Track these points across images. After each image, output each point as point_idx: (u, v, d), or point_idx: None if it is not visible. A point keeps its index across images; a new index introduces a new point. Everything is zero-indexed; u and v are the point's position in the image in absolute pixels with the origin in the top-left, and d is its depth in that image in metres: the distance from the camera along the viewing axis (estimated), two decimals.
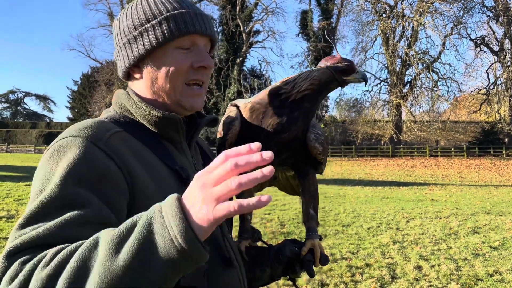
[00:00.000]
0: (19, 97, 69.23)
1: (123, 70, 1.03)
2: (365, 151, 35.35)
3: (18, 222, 0.73)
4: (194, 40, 0.98)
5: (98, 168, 0.80)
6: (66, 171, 0.77)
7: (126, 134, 0.91)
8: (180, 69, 0.96)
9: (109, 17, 42.70)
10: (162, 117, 0.95)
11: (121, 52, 1.01)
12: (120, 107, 1.00)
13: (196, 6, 1.03)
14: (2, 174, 15.41)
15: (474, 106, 37.29)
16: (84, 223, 0.72)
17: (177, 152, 1.00)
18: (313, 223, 1.26)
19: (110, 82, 42.87)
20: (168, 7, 0.97)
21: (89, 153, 0.81)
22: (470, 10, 34.83)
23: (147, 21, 0.97)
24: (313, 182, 1.31)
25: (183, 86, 0.98)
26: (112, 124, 0.92)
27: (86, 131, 0.84)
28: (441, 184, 16.24)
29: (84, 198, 0.75)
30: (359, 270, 4.90)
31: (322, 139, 1.23)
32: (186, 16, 0.96)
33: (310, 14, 37.66)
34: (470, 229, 7.22)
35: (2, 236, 6.12)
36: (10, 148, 41.94)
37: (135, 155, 0.88)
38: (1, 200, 9.13)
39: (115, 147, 0.85)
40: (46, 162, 0.82)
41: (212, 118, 1.10)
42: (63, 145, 0.82)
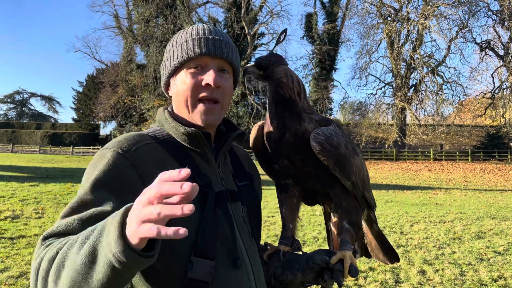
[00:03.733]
0: (25, 98, 69.69)
1: (163, 87, 1.23)
2: (369, 155, 35.26)
3: (61, 213, 0.96)
4: (204, 61, 1.12)
5: (121, 175, 0.99)
6: (96, 177, 0.97)
7: (156, 145, 1.08)
8: (189, 86, 1.11)
9: (115, 19, 42.88)
10: (184, 132, 1.10)
11: (161, 72, 1.22)
12: (159, 122, 1.19)
13: (223, 34, 1.17)
14: (8, 174, 15.49)
15: (479, 110, 37.12)
16: (98, 219, 0.87)
17: (204, 162, 1.13)
18: (346, 235, 1.28)
19: (115, 84, 43.04)
20: (188, 34, 1.14)
21: (116, 162, 1.00)
22: (475, 14, 34.71)
23: (172, 46, 1.16)
24: (344, 197, 1.30)
25: (195, 102, 1.12)
26: (148, 136, 1.10)
27: (119, 144, 1.04)
28: (445, 188, 16.17)
29: (103, 199, 0.94)
30: (363, 274, 4.88)
31: (322, 138, 1.21)
32: (196, 41, 1.11)
33: (315, 17, 37.67)
34: (475, 234, 7.18)
35: (7, 236, 6.16)
36: (15, 149, 42.13)
37: (159, 164, 1.03)
38: (6, 200, 9.17)
39: (141, 157, 1.02)
40: (90, 167, 1.03)
41: (239, 133, 1.22)
42: (102, 154, 1.03)
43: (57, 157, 34.95)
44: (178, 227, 0.66)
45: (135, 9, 38.89)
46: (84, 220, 0.91)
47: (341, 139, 1.25)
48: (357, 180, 1.28)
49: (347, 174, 1.25)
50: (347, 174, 1.25)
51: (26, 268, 4.75)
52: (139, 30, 38.21)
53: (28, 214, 7.89)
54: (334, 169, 1.23)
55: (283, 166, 1.31)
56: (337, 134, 1.25)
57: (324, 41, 36.73)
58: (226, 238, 1.07)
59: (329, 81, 37.84)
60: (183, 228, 0.66)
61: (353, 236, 1.30)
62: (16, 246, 5.69)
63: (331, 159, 1.22)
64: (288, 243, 1.32)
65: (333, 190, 1.31)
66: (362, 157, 1.38)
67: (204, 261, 0.98)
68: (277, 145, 1.27)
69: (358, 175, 1.29)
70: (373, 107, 38.13)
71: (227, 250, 1.06)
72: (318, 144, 1.21)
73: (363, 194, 1.33)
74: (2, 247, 5.58)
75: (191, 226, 0.97)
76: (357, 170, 1.29)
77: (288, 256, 1.26)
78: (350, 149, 1.28)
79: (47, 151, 41.61)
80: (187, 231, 0.66)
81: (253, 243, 1.19)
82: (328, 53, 36.35)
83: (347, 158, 1.24)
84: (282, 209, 1.37)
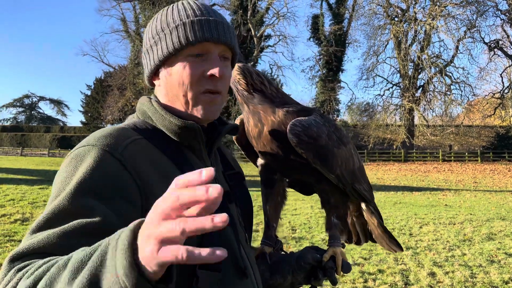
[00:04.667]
0: (34, 101, 70.36)
1: (146, 77, 1.05)
2: (377, 156, 35.07)
3: (31, 228, 0.76)
4: (207, 48, 0.95)
5: (112, 179, 0.81)
6: (78, 181, 0.79)
7: (145, 142, 0.91)
8: (191, 79, 0.95)
9: (122, 23, 43.19)
10: (181, 125, 0.94)
11: (144, 59, 1.03)
12: (143, 114, 1.01)
13: (217, 13, 1.00)
14: (17, 177, 15.63)
15: (488, 111, 36.76)
16: (85, 233, 0.73)
17: (197, 159, 0.99)
18: (335, 231, 1.25)
19: (122, 87, 43.29)
20: (182, 15, 0.96)
21: (104, 163, 0.82)
22: (483, 13, 34.44)
23: (162, 29, 0.97)
24: (331, 193, 1.25)
25: (197, 95, 0.96)
26: (133, 131, 0.93)
27: (103, 140, 0.86)
28: (455, 189, 16.03)
29: (90, 209, 0.76)
30: (372, 276, 4.85)
31: (299, 130, 1.12)
32: (197, 24, 0.94)
33: (322, 18, 37.61)
34: (485, 236, 7.11)
35: (16, 238, 6.21)
36: (24, 152, 42.55)
37: (152, 164, 0.88)
38: (16, 203, 9.25)
39: (132, 156, 0.86)
40: (64, 169, 0.84)
41: (233, 126, 1.09)
42: (81, 153, 0.84)
43: None
44: (215, 248, 0.50)
45: (142, 13, 39.11)
46: (69, 234, 0.72)
47: (322, 129, 1.15)
48: (343, 172, 1.20)
49: (330, 167, 1.16)
50: (330, 167, 1.16)
51: None
52: None
53: (38, 216, 7.94)
54: (314, 162, 1.15)
55: (267, 161, 1.26)
56: (317, 124, 1.15)
57: (330, 42, 36.65)
58: (231, 244, 0.95)
59: (336, 82, 37.74)
60: (221, 248, 0.50)
61: (341, 230, 1.27)
62: None
63: (310, 151, 1.13)
64: (271, 243, 1.26)
65: (319, 185, 1.25)
66: (352, 146, 1.30)
67: (210, 274, 0.85)
68: (258, 141, 1.21)
69: (344, 167, 1.21)
70: (381, 108, 37.95)
71: (232, 258, 0.95)
72: (295, 136, 1.12)
73: (353, 187, 1.26)
74: (12, 249, 5.63)
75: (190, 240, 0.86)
76: (344, 162, 1.21)
77: (275, 258, 1.20)
78: (334, 139, 1.19)
79: (56, 154, 41.94)
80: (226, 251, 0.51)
81: (250, 248, 1.11)
82: (335, 54, 36.26)
83: (329, 149, 1.15)
84: (266, 206, 1.29)
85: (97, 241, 0.66)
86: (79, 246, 0.68)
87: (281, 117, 1.17)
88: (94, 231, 0.73)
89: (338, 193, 1.26)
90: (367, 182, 1.37)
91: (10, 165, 23.58)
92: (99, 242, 0.63)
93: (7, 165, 23.47)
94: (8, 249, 5.63)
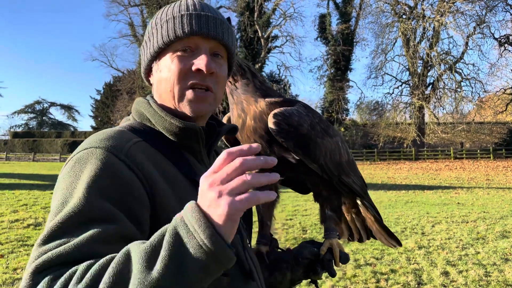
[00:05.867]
0: (45, 107, 71.21)
1: (143, 74, 1.04)
2: (388, 155, 34.84)
3: (40, 238, 0.71)
4: (195, 42, 0.93)
5: (120, 180, 0.79)
6: (88, 184, 0.75)
7: (145, 144, 0.89)
8: (177, 73, 0.93)
9: (130, 27, 43.58)
10: (182, 127, 0.92)
11: (142, 54, 1.03)
12: (140, 116, 0.98)
13: (213, 10, 0.98)
14: (30, 182, 15.82)
15: (500, 107, 36.31)
16: (111, 240, 0.72)
17: (196, 161, 0.98)
18: (330, 223, 1.24)
19: (131, 91, 43.64)
20: (174, 10, 0.94)
21: (111, 165, 0.79)
22: (493, 8, 34.03)
23: (155, 25, 0.96)
24: (322, 186, 1.24)
25: (183, 90, 0.94)
26: (131, 133, 0.91)
27: (106, 142, 0.83)
28: (467, 187, 15.84)
29: (108, 212, 0.74)
30: (384, 276, 4.81)
31: (279, 118, 1.11)
32: (186, 18, 0.92)
33: (329, 17, 37.53)
34: (499, 233, 7.01)
35: (29, 243, 6.28)
36: (36, 157, 43.09)
37: (155, 166, 0.86)
38: (28, 208, 9.36)
39: (136, 158, 0.83)
40: (67, 174, 0.80)
41: (231, 127, 1.08)
42: (84, 156, 0.81)
43: None
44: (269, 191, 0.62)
45: (150, 17, 39.39)
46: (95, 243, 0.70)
47: (304, 118, 1.14)
48: (327, 163, 1.18)
49: (313, 157, 1.14)
50: (313, 157, 1.14)
51: None
52: None
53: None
54: (295, 151, 1.13)
55: None
56: (299, 114, 1.14)
57: (338, 41, 36.54)
58: (235, 246, 0.92)
59: (344, 81, 37.61)
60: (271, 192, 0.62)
61: (336, 221, 1.27)
62: None
63: (290, 140, 1.12)
64: (267, 242, 1.26)
65: (308, 179, 1.24)
66: (340, 140, 1.29)
67: (220, 278, 0.80)
68: (242, 133, 1.19)
69: (329, 158, 1.19)
70: (390, 107, 37.73)
71: (238, 261, 0.91)
72: (275, 124, 1.11)
73: (340, 179, 1.24)
74: (25, 254, 5.69)
75: None
76: (329, 153, 1.19)
77: (273, 257, 1.20)
78: (318, 129, 1.17)
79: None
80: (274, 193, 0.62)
81: (252, 252, 1.09)
82: (342, 54, 36.14)
83: (311, 138, 1.13)
84: (259, 205, 1.28)
85: (119, 246, 0.67)
86: (108, 252, 0.68)
87: (263, 107, 1.16)
88: (119, 235, 0.73)
89: (329, 186, 1.26)
90: (358, 177, 1.35)
91: (22, 171, 23.88)
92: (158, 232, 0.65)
93: (20, 171, 23.78)
94: (21, 253, 5.69)
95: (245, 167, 0.61)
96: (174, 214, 0.68)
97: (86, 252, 0.68)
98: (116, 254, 0.65)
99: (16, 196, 11.39)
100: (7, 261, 5.35)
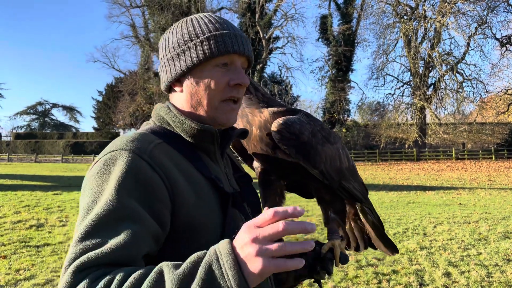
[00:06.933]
0: (47, 108, 71.39)
1: (165, 84, 1.10)
2: (389, 155, 34.81)
3: (78, 235, 0.79)
4: (232, 59, 1.04)
5: (145, 180, 0.86)
6: (117, 184, 0.83)
7: (165, 145, 0.98)
8: (218, 86, 1.03)
9: (132, 28, 43.64)
10: (200, 129, 1.01)
11: (164, 67, 1.09)
12: (160, 120, 1.07)
13: (236, 28, 1.10)
14: (32, 183, 15.86)
15: (502, 107, 36.25)
16: (140, 239, 0.80)
17: (211, 161, 1.07)
18: (333, 225, 1.30)
19: (133, 92, 43.70)
20: (210, 27, 1.04)
21: (136, 165, 0.87)
22: (494, 9, 34.00)
23: (190, 40, 1.04)
24: (324, 191, 1.30)
25: (220, 102, 1.04)
26: (153, 135, 0.99)
27: (131, 144, 0.91)
28: (469, 187, 15.82)
29: (135, 211, 0.82)
30: (386, 277, 4.81)
31: (281, 127, 1.18)
32: (226, 37, 1.03)
33: (330, 18, 37.55)
34: (501, 234, 7.00)
35: (32, 244, 6.30)
36: (38, 158, 43.16)
37: (176, 166, 0.95)
38: (31, 209, 9.39)
39: (158, 158, 0.91)
40: (97, 175, 0.87)
41: (242, 130, 1.16)
42: (112, 158, 0.89)
43: (79, 165, 35.62)
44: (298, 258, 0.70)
45: (151, 18, 39.49)
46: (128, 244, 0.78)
47: (305, 127, 1.21)
48: (327, 169, 1.24)
49: (313, 163, 1.21)
50: (313, 163, 1.21)
51: (51, 276, 4.84)
52: (156, 38, 38.81)
53: (52, 222, 8.05)
54: (297, 158, 1.20)
55: (260, 162, 1.33)
56: (300, 122, 1.20)
57: (339, 42, 36.55)
58: None
59: (346, 82, 37.62)
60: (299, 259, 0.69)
61: (339, 223, 1.31)
62: (41, 254, 5.82)
63: (292, 148, 1.18)
64: None
65: (311, 184, 1.30)
66: (341, 146, 1.35)
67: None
68: (248, 142, 1.28)
69: (330, 164, 1.25)
70: (392, 107, 37.73)
71: None
72: (277, 133, 1.18)
73: (340, 184, 1.30)
74: (28, 255, 5.71)
75: (214, 232, 0.95)
76: (329, 159, 1.25)
77: None
78: (319, 137, 1.23)
79: (69, 160, 42.46)
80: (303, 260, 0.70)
81: None
82: (344, 54, 36.15)
83: (311, 146, 1.20)
84: (265, 207, 1.34)
85: (151, 244, 0.82)
86: (140, 252, 0.80)
87: (267, 117, 1.23)
88: (147, 234, 0.82)
89: (331, 191, 1.31)
90: (359, 182, 1.41)
91: (24, 172, 23.93)
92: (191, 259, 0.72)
93: (22, 172, 23.83)
94: (24, 254, 5.72)
95: (287, 233, 0.68)
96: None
97: (120, 255, 0.77)
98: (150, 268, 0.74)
99: (18, 197, 11.42)
100: (10, 262, 5.37)
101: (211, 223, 0.95)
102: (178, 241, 0.91)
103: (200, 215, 0.93)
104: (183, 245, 0.91)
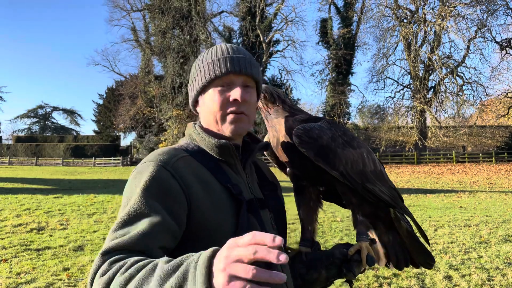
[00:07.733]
0: (47, 111, 71.45)
1: (191, 104, 1.31)
2: (389, 158, 34.80)
3: (114, 225, 1.00)
4: (230, 79, 1.20)
5: (165, 186, 1.06)
6: (143, 188, 1.04)
7: (190, 158, 1.16)
8: (218, 103, 1.19)
9: (132, 32, 43.75)
10: (216, 144, 1.18)
11: (189, 90, 1.31)
12: (189, 137, 1.27)
13: (242, 51, 1.25)
14: (33, 187, 15.87)
15: (502, 110, 36.25)
16: (157, 232, 0.97)
17: (233, 172, 1.22)
18: (362, 227, 1.34)
19: (133, 95, 43.73)
20: (215, 54, 1.22)
21: (159, 174, 1.07)
22: (494, 12, 34.05)
23: (200, 66, 1.24)
24: (351, 194, 1.35)
25: (223, 116, 1.20)
26: (181, 150, 1.19)
27: (159, 157, 1.12)
28: (469, 191, 15.81)
29: (156, 210, 1.01)
30: (387, 280, 4.81)
31: (301, 132, 1.28)
32: (222, 61, 1.19)
33: (330, 22, 37.60)
34: (502, 237, 7.00)
35: (33, 247, 6.30)
36: (39, 162, 43.16)
37: (195, 175, 1.12)
38: (31, 213, 9.39)
39: (180, 169, 1.10)
40: (132, 181, 1.10)
41: (264, 144, 1.33)
42: (143, 168, 1.10)
43: (79, 169, 35.63)
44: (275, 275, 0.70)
45: (152, 22, 39.56)
46: (145, 235, 0.96)
47: (325, 132, 1.29)
48: (348, 171, 1.30)
49: (332, 165, 1.28)
50: (332, 165, 1.28)
51: (52, 279, 4.85)
52: (156, 41, 38.85)
53: (53, 225, 8.06)
54: (316, 160, 1.27)
55: (291, 168, 1.41)
56: (320, 128, 1.29)
57: (339, 45, 36.59)
58: None
59: (346, 85, 37.63)
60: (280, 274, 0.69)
61: (368, 226, 1.36)
62: (42, 257, 5.82)
63: (310, 150, 1.27)
64: (308, 244, 1.39)
65: (339, 187, 1.35)
66: (367, 151, 1.41)
67: None
68: (277, 150, 1.38)
69: (351, 167, 1.31)
70: (392, 110, 37.70)
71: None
72: (297, 137, 1.27)
73: (363, 186, 1.34)
74: (28, 258, 5.71)
75: (227, 234, 1.02)
76: (350, 162, 1.31)
77: (310, 256, 1.32)
78: (339, 141, 1.31)
79: (70, 163, 42.45)
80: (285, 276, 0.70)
81: (287, 266, 1.22)
82: (344, 58, 36.18)
83: (330, 148, 1.28)
84: (300, 211, 1.45)
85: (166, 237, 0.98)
86: (154, 243, 0.96)
87: (291, 124, 1.33)
88: (163, 228, 0.98)
89: (357, 194, 1.35)
90: (387, 187, 1.43)
91: (25, 175, 23.95)
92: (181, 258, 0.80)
93: (23, 175, 23.84)
94: (25, 258, 5.72)
95: (255, 259, 0.69)
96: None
97: (137, 243, 0.95)
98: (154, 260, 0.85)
99: (19, 200, 11.43)
100: (11, 265, 5.38)
101: (225, 226, 1.08)
102: (196, 240, 1.06)
103: (213, 218, 1.07)
104: (200, 245, 1.00)
